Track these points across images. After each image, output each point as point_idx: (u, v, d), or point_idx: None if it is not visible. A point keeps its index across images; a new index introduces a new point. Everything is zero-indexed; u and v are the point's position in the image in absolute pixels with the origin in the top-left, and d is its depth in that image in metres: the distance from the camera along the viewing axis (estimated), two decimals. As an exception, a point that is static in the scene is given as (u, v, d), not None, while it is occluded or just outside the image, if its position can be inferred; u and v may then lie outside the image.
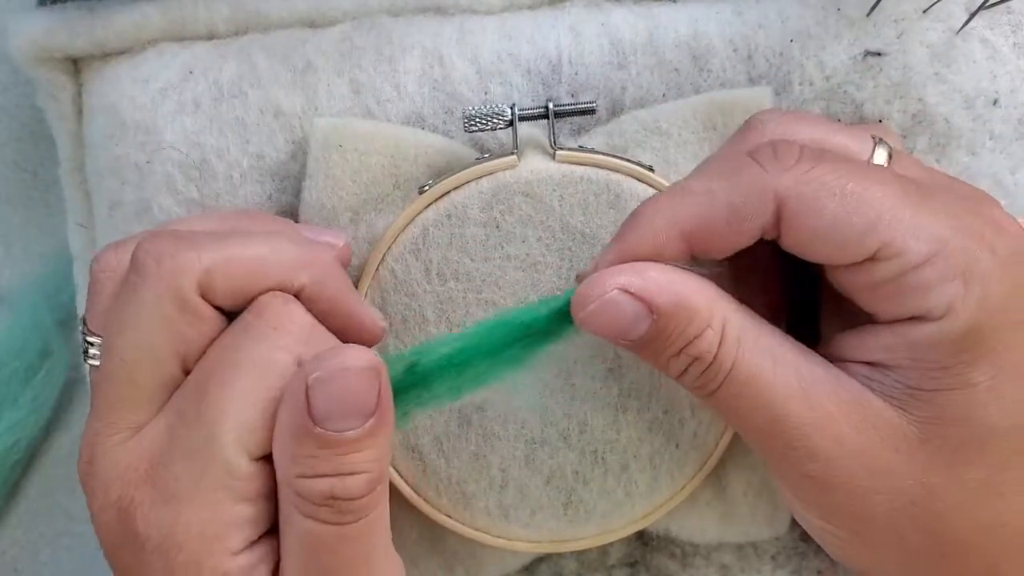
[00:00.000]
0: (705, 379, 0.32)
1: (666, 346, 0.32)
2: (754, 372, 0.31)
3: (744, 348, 0.31)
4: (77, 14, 0.39)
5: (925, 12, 0.39)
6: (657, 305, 0.31)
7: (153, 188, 0.38)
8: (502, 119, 0.36)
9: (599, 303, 0.32)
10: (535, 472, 0.37)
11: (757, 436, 0.32)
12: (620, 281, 0.32)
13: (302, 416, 0.29)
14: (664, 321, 0.31)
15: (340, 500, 0.30)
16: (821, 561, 0.41)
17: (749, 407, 0.32)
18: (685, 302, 0.31)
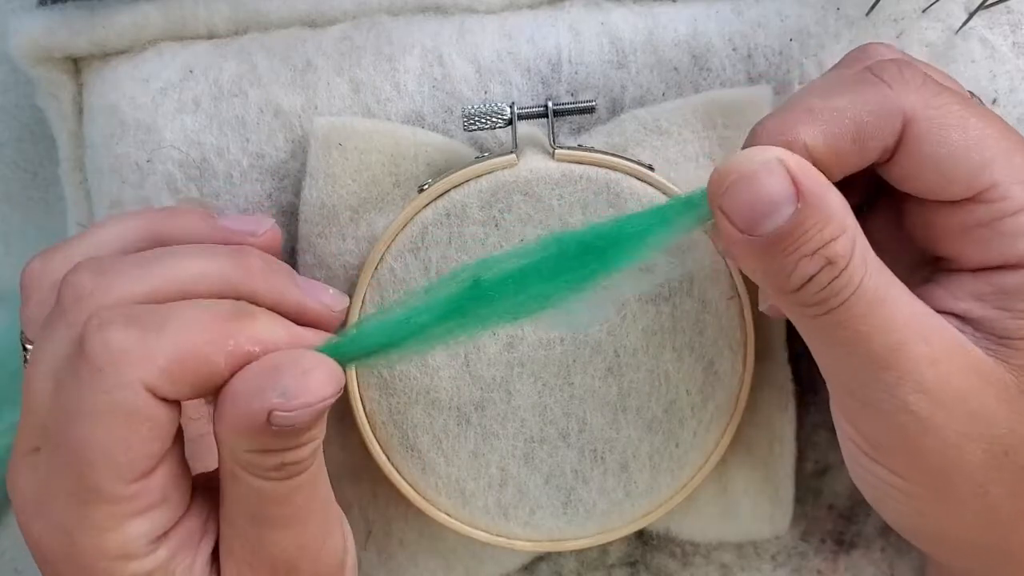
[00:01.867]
0: (831, 291, 0.30)
1: (802, 243, 0.29)
2: (880, 293, 0.30)
3: (871, 269, 0.30)
4: (77, 14, 0.39)
5: (924, 11, 0.39)
6: (807, 191, 0.29)
7: (153, 187, 0.38)
8: (501, 118, 0.36)
9: (752, 170, 0.30)
10: (534, 471, 0.37)
11: (865, 364, 0.30)
12: (777, 154, 0.30)
13: (259, 422, 0.29)
14: (807, 212, 0.29)
15: (289, 465, 0.30)
16: (821, 560, 0.41)
17: (870, 329, 0.30)
18: (827, 198, 0.30)
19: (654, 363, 0.37)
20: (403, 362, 0.36)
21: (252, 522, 0.31)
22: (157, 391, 0.30)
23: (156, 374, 0.29)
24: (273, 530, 0.31)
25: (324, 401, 0.30)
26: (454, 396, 0.37)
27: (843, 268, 0.30)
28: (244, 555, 0.32)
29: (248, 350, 0.30)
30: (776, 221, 0.30)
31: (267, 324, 0.31)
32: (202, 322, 0.30)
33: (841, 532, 0.41)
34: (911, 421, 0.31)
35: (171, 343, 0.30)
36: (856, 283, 0.30)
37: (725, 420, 0.38)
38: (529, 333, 0.37)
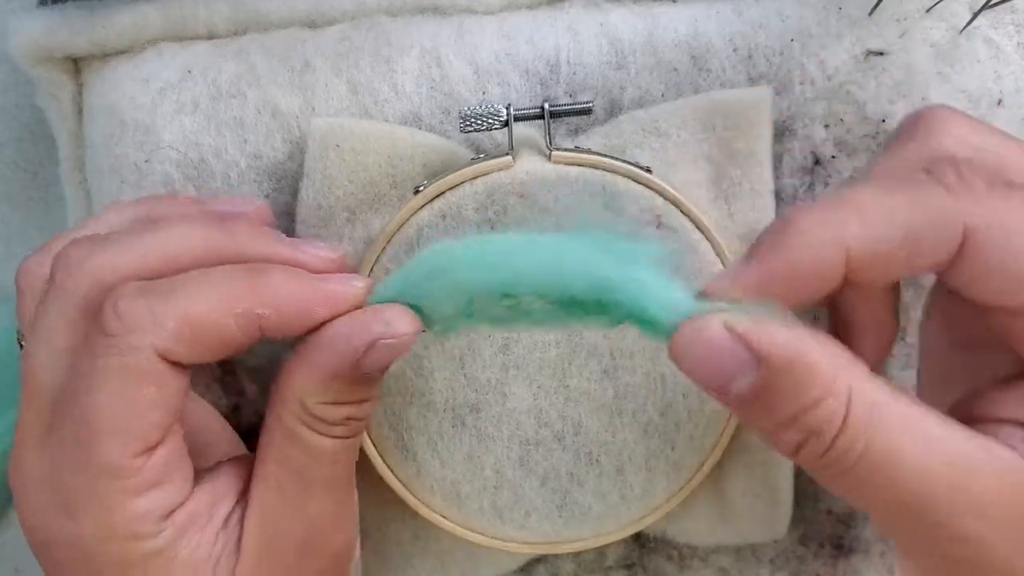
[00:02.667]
0: (828, 460, 0.27)
1: (773, 411, 0.27)
2: (892, 453, 0.27)
3: (879, 426, 0.27)
4: (77, 14, 0.39)
5: (928, 11, 0.38)
6: (768, 355, 0.27)
7: (152, 187, 0.38)
8: (498, 119, 0.36)
9: (699, 339, 0.27)
10: (529, 473, 0.37)
11: (894, 520, 0.28)
12: (724, 319, 0.27)
13: (349, 363, 0.31)
14: (772, 377, 0.27)
15: (354, 420, 0.32)
16: (820, 565, 0.41)
17: (885, 491, 0.27)
18: (801, 359, 0.27)
19: (650, 366, 0.37)
20: None
21: (299, 483, 0.32)
22: (168, 354, 0.30)
23: (166, 337, 0.30)
24: (319, 491, 0.32)
25: (413, 335, 0.31)
26: (449, 398, 0.37)
27: (834, 436, 0.27)
28: (277, 523, 0.32)
29: (258, 312, 0.31)
30: (736, 387, 0.27)
31: (281, 279, 0.32)
32: (212, 285, 0.31)
33: (840, 536, 0.41)
34: (958, 567, 0.28)
35: (181, 308, 0.30)
36: (860, 449, 0.27)
37: (722, 423, 0.37)
38: (524, 335, 0.36)
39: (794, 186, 0.39)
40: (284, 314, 0.31)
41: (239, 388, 0.40)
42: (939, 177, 0.29)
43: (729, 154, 0.38)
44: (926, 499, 0.27)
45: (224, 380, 0.40)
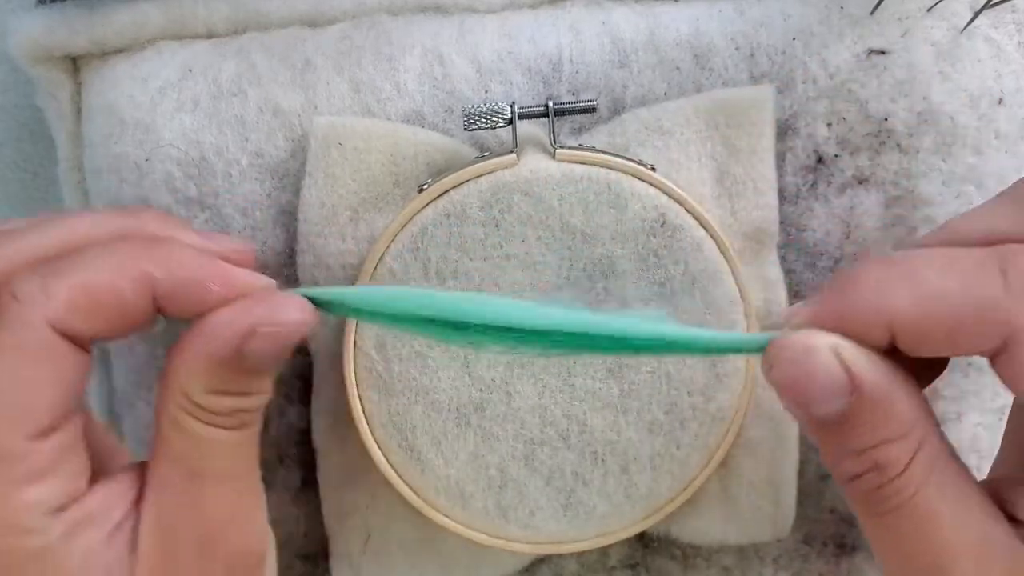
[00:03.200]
0: (878, 496, 0.28)
1: (851, 438, 0.28)
2: (934, 512, 0.28)
3: (932, 481, 0.28)
4: (76, 13, 0.39)
5: (929, 11, 0.38)
6: (863, 385, 0.27)
7: (151, 186, 0.38)
8: (502, 117, 0.36)
9: (804, 356, 0.28)
10: (534, 472, 0.37)
11: (910, 573, 0.29)
12: (833, 342, 0.28)
13: (231, 350, 0.30)
14: (861, 407, 0.27)
15: (241, 412, 0.31)
16: (823, 564, 0.41)
17: (914, 546, 0.28)
18: (891, 396, 0.28)
19: (655, 364, 0.37)
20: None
21: (190, 478, 0.31)
22: (63, 327, 0.29)
23: (59, 308, 0.29)
24: (212, 485, 0.31)
25: (300, 325, 0.30)
26: (454, 397, 0.36)
27: (893, 476, 0.28)
28: (172, 522, 0.31)
29: (152, 275, 0.30)
30: (825, 410, 0.28)
31: (180, 248, 0.31)
32: (109, 254, 0.30)
33: (843, 536, 0.41)
34: None
35: (75, 278, 0.29)
36: (907, 495, 0.28)
37: (727, 422, 0.37)
38: (529, 334, 0.36)
39: (797, 184, 0.39)
40: (177, 281, 0.30)
41: (239, 389, 0.39)
42: (1004, 265, 0.28)
43: (732, 152, 0.38)
44: (948, 568, 0.28)
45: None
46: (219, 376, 0.30)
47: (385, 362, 0.36)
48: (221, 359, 0.30)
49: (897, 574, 0.30)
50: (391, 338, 0.36)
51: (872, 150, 0.38)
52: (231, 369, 0.30)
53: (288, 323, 0.30)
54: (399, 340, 0.36)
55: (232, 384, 0.31)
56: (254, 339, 0.30)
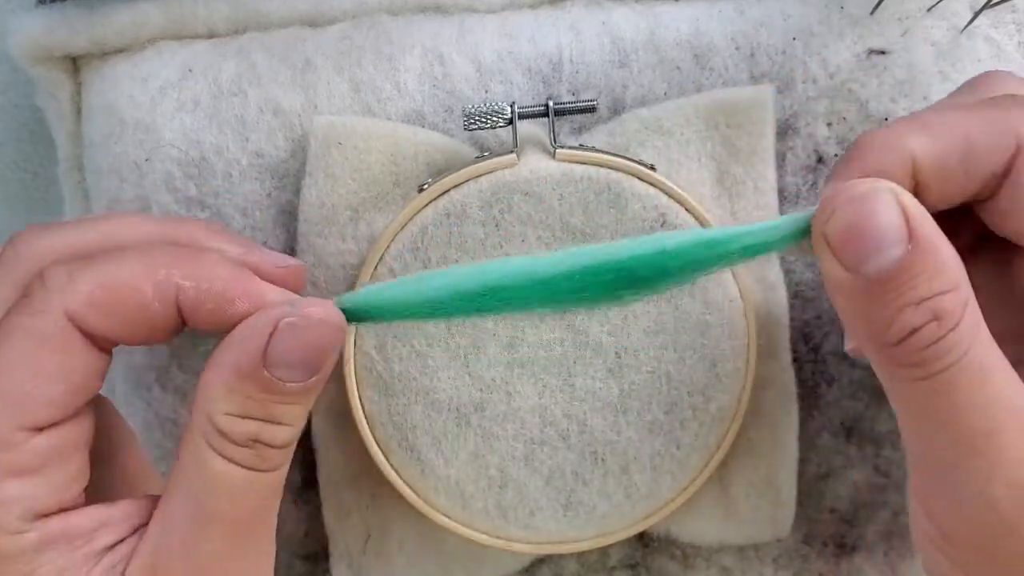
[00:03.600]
0: (934, 352, 0.27)
1: (907, 289, 0.27)
2: (988, 368, 0.27)
3: (980, 339, 0.27)
4: (76, 12, 0.39)
5: (929, 11, 0.38)
6: (920, 233, 0.27)
7: (152, 186, 0.38)
8: (502, 117, 0.36)
9: (864, 198, 0.27)
10: (534, 472, 0.37)
11: (955, 445, 0.28)
12: (891, 186, 0.28)
13: (254, 356, 0.28)
14: (918, 256, 0.27)
15: (261, 445, 0.29)
16: (823, 564, 0.41)
17: (969, 407, 0.27)
18: (941, 247, 0.27)
19: (655, 364, 0.37)
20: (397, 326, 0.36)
21: (193, 518, 0.29)
22: (82, 321, 0.29)
23: (80, 300, 0.28)
24: (218, 532, 0.29)
25: (325, 325, 0.29)
26: (454, 397, 0.36)
27: (951, 328, 0.27)
28: (163, 562, 0.29)
29: (178, 283, 0.29)
30: (883, 260, 0.27)
31: (211, 259, 0.30)
32: (140, 254, 0.30)
33: (843, 536, 0.41)
34: (993, 518, 0.28)
35: (100, 272, 0.29)
36: (963, 349, 0.27)
37: (727, 422, 0.37)
38: (530, 334, 0.36)
39: (797, 184, 0.39)
40: (203, 292, 0.29)
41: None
42: (995, 102, 0.30)
43: (732, 152, 0.38)
44: (997, 428, 0.27)
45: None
46: (242, 392, 0.28)
47: (385, 362, 0.36)
48: (244, 369, 0.28)
49: (938, 448, 0.28)
50: (391, 338, 0.36)
51: (872, 150, 0.38)
52: (256, 384, 0.28)
53: (311, 317, 0.29)
54: (399, 340, 0.36)
55: (255, 404, 0.29)
56: (277, 337, 0.28)
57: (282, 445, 0.29)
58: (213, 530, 0.29)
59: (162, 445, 0.40)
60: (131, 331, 0.29)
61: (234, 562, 0.30)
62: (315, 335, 0.29)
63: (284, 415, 0.29)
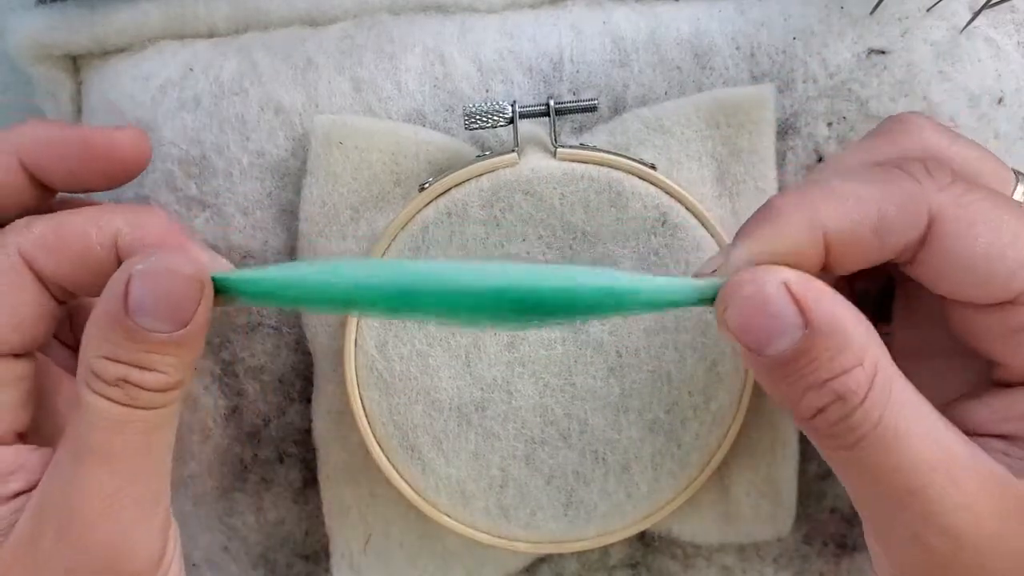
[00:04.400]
0: (846, 427, 0.28)
1: (808, 372, 0.28)
2: (901, 432, 0.28)
3: (893, 401, 0.28)
4: (77, 12, 0.39)
5: (929, 11, 0.38)
6: (814, 317, 0.28)
7: (152, 185, 0.38)
8: (503, 116, 0.36)
9: (755, 294, 0.28)
10: (535, 472, 0.37)
11: (884, 502, 0.29)
12: (781, 277, 0.28)
13: (116, 304, 0.29)
14: (815, 339, 0.28)
15: (131, 385, 0.30)
16: (824, 563, 0.41)
17: (886, 470, 0.28)
18: (842, 325, 0.28)
19: (656, 363, 0.37)
20: None
21: (73, 456, 0.30)
22: (33, 261, 0.31)
23: (32, 240, 0.31)
24: (91, 465, 0.30)
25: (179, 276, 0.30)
26: (455, 396, 0.36)
27: (856, 405, 0.28)
28: (44, 502, 0.30)
29: (118, 227, 0.31)
30: (779, 346, 0.28)
31: (149, 214, 0.32)
32: (88, 209, 0.32)
33: (843, 535, 0.41)
34: (932, 560, 0.29)
35: (53, 219, 0.31)
36: (874, 420, 0.28)
37: (728, 421, 0.37)
38: (530, 333, 0.36)
39: (798, 183, 0.39)
40: (138, 240, 0.31)
41: (239, 388, 0.39)
42: (908, 169, 0.30)
43: (733, 151, 0.38)
44: (921, 485, 0.28)
45: (224, 380, 0.39)
46: (112, 338, 0.29)
47: (386, 361, 0.36)
48: (111, 316, 0.29)
49: (872, 503, 0.30)
50: (392, 337, 0.36)
51: (872, 149, 0.38)
52: (122, 330, 0.29)
53: (160, 266, 0.30)
54: (400, 339, 0.36)
55: (123, 349, 0.30)
56: (131, 284, 0.29)
57: (155, 389, 0.30)
58: (90, 462, 0.30)
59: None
60: (76, 274, 0.31)
61: (114, 498, 0.30)
62: (166, 284, 0.30)
63: (155, 363, 0.30)
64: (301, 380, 0.39)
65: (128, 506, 0.30)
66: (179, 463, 0.40)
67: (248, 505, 0.40)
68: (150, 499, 0.31)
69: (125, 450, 0.30)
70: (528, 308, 0.29)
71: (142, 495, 0.31)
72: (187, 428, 0.39)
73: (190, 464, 0.40)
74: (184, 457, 0.40)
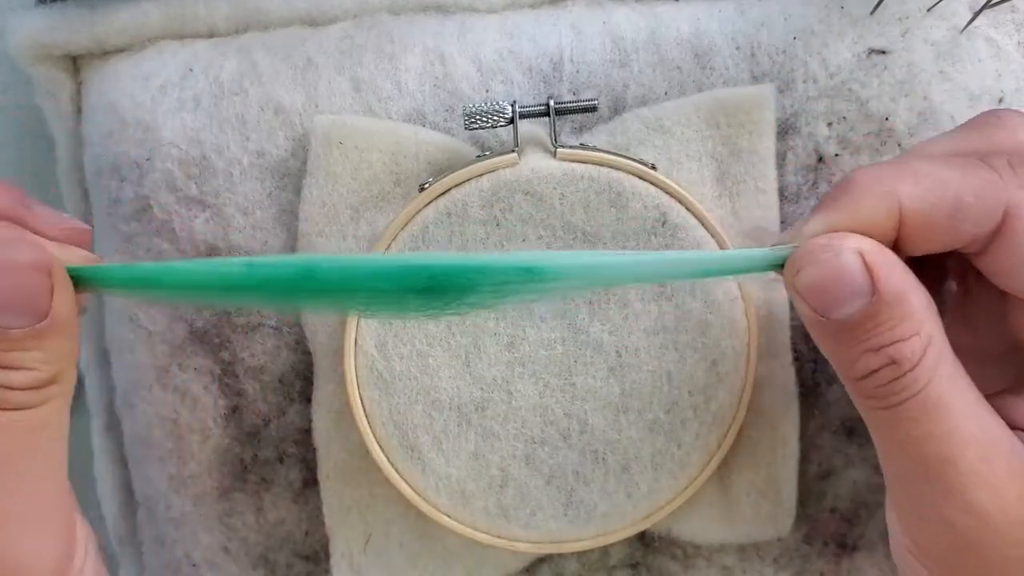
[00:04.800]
0: (892, 389, 0.30)
1: (868, 337, 0.30)
2: (945, 401, 0.29)
3: (940, 372, 0.29)
4: (77, 12, 0.39)
5: (929, 11, 0.38)
6: (882, 286, 0.29)
7: (152, 185, 0.38)
8: (503, 116, 0.36)
9: (828, 258, 0.29)
10: (535, 472, 0.37)
11: (916, 468, 0.30)
12: (857, 244, 0.30)
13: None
14: (880, 307, 0.29)
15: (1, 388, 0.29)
16: (824, 563, 0.41)
17: (923, 436, 0.29)
18: (906, 296, 0.29)
19: (656, 363, 0.37)
20: None
21: None
22: None
23: None
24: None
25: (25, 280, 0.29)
26: (454, 396, 0.36)
27: (907, 370, 0.29)
28: None
29: None
30: (847, 310, 0.29)
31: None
32: None
33: (844, 535, 0.41)
34: (953, 538, 0.30)
35: None
36: (919, 387, 0.29)
37: (728, 421, 0.37)
38: (530, 333, 0.36)
39: (798, 184, 0.39)
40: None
41: (239, 388, 0.39)
42: (991, 163, 0.31)
43: (733, 151, 0.38)
44: (952, 456, 0.29)
45: (224, 380, 0.39)
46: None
47: (386, 360, 0.36)
48: None
49: (902, 470, 0.31)
50: (392, 337, 0.36)
51: (873, 149, 0.38)
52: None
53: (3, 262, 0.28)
54: (400, 339, 0.36)
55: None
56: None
57: (25, 387, 0.29)
58: None
59: (162, 445, 0.40)
60: None
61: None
62: (11, 277, 0.28)
63: (19, 360, 0.29)
64: (301, 380, 0.39)
65: (16, 516, 0.29)
66: (179, 463, 0.40)
67: (248, 505, 0.40)
68: (41, 507, 0.30)
69: (5, 456, 0.29)
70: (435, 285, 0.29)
71: (30, 504, 0.29)
72: (187, 428, 0.39)
73: (190, 464, 0.40)
74: (184, 457, 0.40)
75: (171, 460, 0.40)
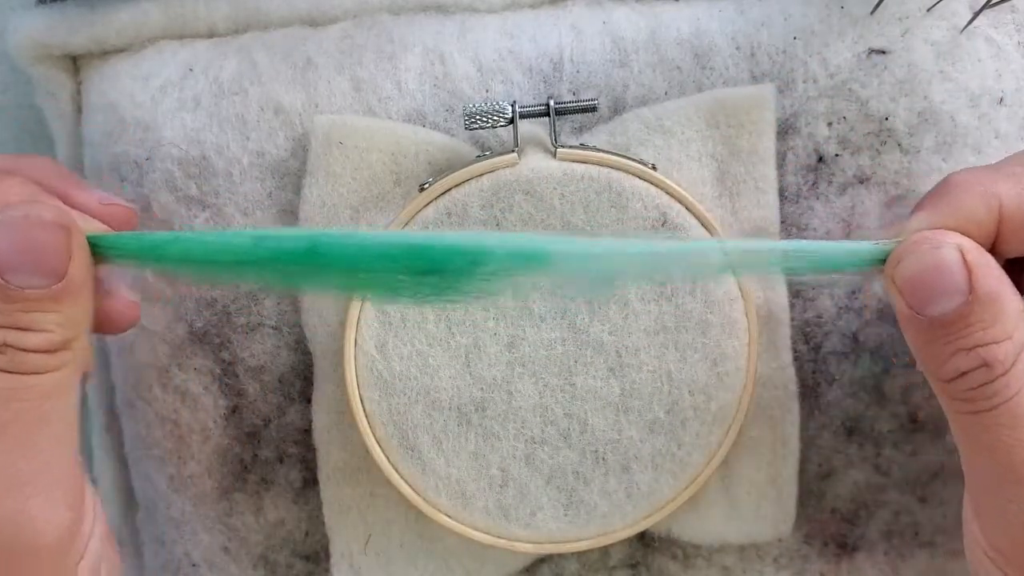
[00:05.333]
0: (983, 393, 0.30)
1: (961, 336, 0.30)
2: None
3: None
4: (77, 12, 0.39)
5: (929, 11, 0.38)
6: (978, 286, 0.29)
7: (152, 185, 0.38)
8: (503, 116, 0.36)
9: (930, 252, 0.30)
10: (535, 472, 0.37)
11: (1004, 474, 0.30)
12: (958, 241, 0.30)
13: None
14: (976, 307, 0.29)
15: (13, 348, 0.29)
16: (824, 563, 0.41)
17: (1009, 443, 0.29)
18: (1001, 298, 0.30)
19: (657, 363, 0.37)
20: None
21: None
22: None
23: None
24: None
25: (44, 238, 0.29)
26: (455, 396, 0.36)
27: (1000, 374, 0.29)
28: None
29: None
30: (942, 308, 0.30)
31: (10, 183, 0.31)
32: None
33: (844, 535, 0.41)
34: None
35: None
36: (1011, 392, 0.29)
37: (728, 421, 0.37)
38: (531, 333, 0.36)
39: (798, 183, 0.39)
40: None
41: (239, 388, 0.39)
42: None
43: (733, 151, 0.38)
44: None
45: (224, 380, 0.39)
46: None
47: (386, 361, 0.36)
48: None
49: (988, 474, 0.31)
50: (392, 337, 0.36)
51: (873, 149, 0.38)
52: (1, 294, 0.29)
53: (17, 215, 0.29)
54: (400, 339, 0.36)
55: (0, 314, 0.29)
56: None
57: (40, 350, 0.29)
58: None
59: (162, 444, 0.40)
60: None
61: (8, 473, 0.29)
62: (26, 233, 0.29)
63: (36, 321, 0.29)
64: (301, 380, 0.39)
65: (27, 479, 0.29)
66: (179, 463, 0.40)
67: (248, 505, 0.40)
68: (52, 472, 0.30)
69: (17, 422, 0.29)
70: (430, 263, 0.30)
71: (41, 469, 0.29)
72: (187, 428, 0.39)
73: (190, 464, 0.40)
74: (184, 457, 0.40)
75: (171, 460, 0.40)
